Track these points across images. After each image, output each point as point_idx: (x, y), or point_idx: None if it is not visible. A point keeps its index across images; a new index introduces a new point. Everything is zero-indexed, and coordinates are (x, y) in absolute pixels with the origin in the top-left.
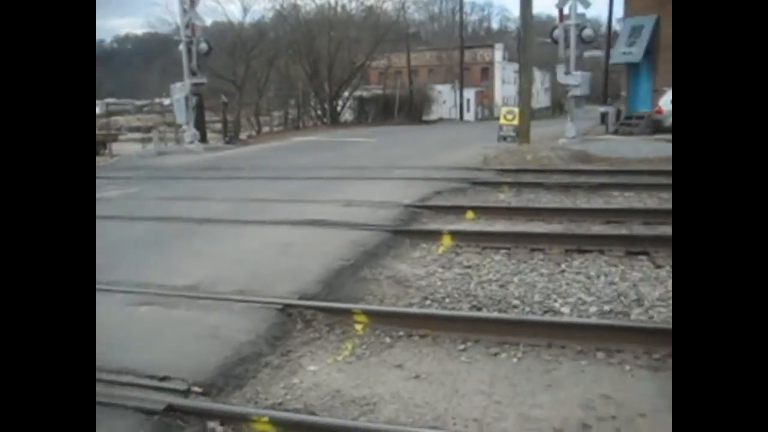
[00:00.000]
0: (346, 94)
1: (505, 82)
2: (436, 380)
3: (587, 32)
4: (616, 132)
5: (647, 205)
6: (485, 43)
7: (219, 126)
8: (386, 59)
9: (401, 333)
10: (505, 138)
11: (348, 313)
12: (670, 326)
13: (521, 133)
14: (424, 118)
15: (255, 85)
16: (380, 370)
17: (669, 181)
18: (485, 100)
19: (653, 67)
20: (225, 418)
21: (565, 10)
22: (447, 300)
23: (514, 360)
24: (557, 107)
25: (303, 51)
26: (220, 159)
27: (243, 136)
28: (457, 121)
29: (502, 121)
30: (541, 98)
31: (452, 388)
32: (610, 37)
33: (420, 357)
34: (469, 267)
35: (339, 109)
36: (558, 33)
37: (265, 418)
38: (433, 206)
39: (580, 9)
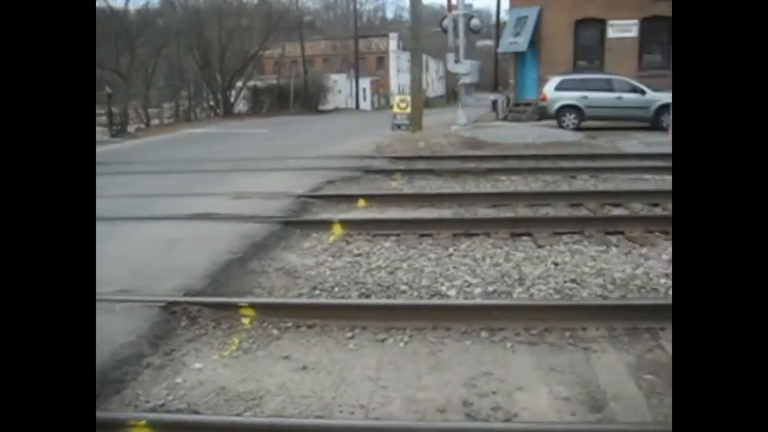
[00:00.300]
0: (239, 84)
1: (400, 71)
2: (323, 369)
3: (474, 22)
4: (505, 118)
5: (532, 188)
6: (380, 32)
7: (105, 119)
8: (280, 48)
9: (289, 324)
10: (399, 126)
11: (234, 307)
12: (547, 302)
13: (414, 121)
14: (321, 107)
15: (142, 75)
16: (267, 363)
17: (552, 165)
18: (381, 89)
19: (538, 56)
20: (98, 427)
21: (454, 1)
22: (336, 289)
23: (401, 344)
24: (452, 95)
25: (193, 40)
26: (104, 153)
27: (131, 129)
28: (353, 110)
29: (395, 109)
30: (436, 87)
31: (339, 376)
32: (499, 27)
33: (308, 347)
34: (359, 255)
35: (232, 100)
36: (447, 23)
37: (143, 422)
38: (325, 196)
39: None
